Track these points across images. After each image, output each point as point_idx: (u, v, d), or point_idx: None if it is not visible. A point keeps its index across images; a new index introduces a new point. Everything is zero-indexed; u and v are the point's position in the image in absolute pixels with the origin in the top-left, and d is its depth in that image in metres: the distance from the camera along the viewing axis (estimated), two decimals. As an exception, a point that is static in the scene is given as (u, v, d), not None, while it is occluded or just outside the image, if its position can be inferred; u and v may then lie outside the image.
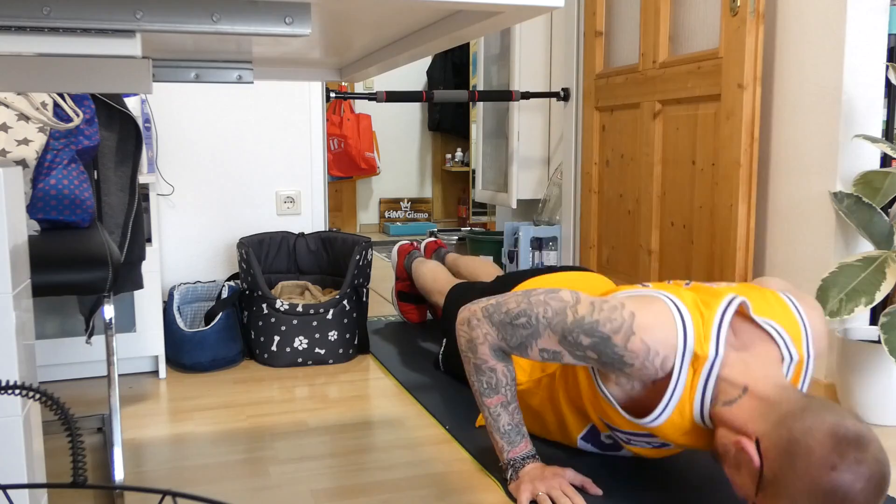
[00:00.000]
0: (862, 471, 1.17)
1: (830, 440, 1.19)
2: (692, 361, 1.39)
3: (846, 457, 1.18)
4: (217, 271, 2.81)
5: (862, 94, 2.02)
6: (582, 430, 1.71)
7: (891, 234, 1.95)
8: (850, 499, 1.17)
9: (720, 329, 1.40)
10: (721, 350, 1.38)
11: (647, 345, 1.38)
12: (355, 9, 0.80)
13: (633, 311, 1.41)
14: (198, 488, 1.62)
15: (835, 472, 1.17)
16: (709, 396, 1.40)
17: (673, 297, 1.43)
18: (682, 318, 1.41)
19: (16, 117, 1.68)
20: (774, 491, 1.24)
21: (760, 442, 1.27)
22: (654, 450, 1.59)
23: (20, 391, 0.61)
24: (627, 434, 1.55)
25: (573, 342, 1.43)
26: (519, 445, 1.58)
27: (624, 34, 2.94)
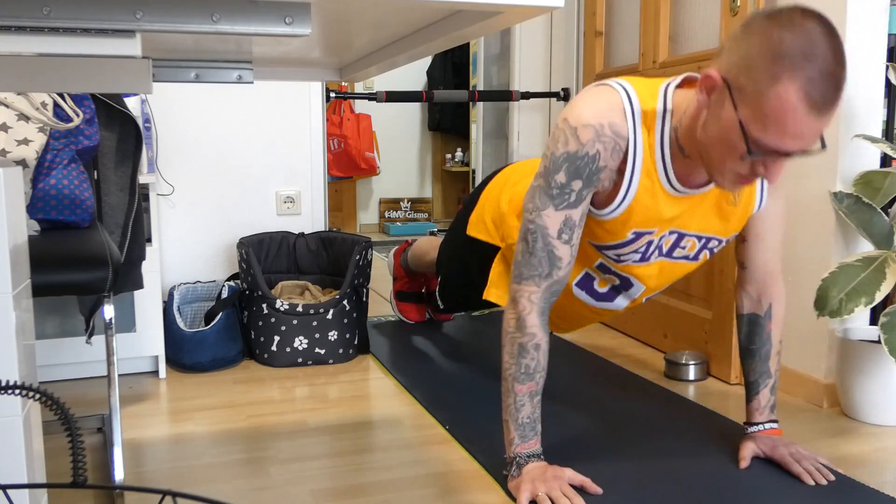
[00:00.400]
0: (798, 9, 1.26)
1: (763, 15, 1.29)
2: (643, 121, 1.44)
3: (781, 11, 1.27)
4: (217, 271, 2.81)
5: (862, 94, 2.02)
6: (576, 277, 1.73)
7: (891, 234, 1.95)
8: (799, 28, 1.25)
9: (667, 88, 1.46)
10: (669, 104, 1.43)
11: (591, 124, 1.44)
12: (355, 9, 0.80)
13: (566, 116, 1.47)
14: (198, 488, 1.62)
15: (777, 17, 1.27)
16: (668, 152, 1.45)
17: (618, 79, 1.50)
18: (623, 86, 1.47)
19: (16, 117, 1.68)
20: (743, 76, 1.28)
21: (715, 70, 1.33)
22: (646, 265, 1.62)
23: (20, 391, 0.61)
24: (614, 248, 1.57)
25: (559, 193, 1.48)
26: (530, 441, 1.58)
27: (624, 34, 2.94)
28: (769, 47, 1.25)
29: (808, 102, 1.24)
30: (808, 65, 1.23)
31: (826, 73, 1.24)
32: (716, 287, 2.36)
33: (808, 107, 1.24)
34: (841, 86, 1.26)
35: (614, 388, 2.21)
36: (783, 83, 1.24)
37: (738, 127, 1.30)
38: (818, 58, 1.23)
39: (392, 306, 2.99)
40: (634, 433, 1.88)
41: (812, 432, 1.91)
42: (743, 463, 1.67)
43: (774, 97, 1.25)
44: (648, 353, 2.61)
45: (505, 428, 1.60)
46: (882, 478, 1.66)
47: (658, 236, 1.57)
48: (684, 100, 1.45)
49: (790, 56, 1.24)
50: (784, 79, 1.24)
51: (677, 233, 1.59)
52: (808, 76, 1.23)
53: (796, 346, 2.17)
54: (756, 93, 1.27)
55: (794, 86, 1.24)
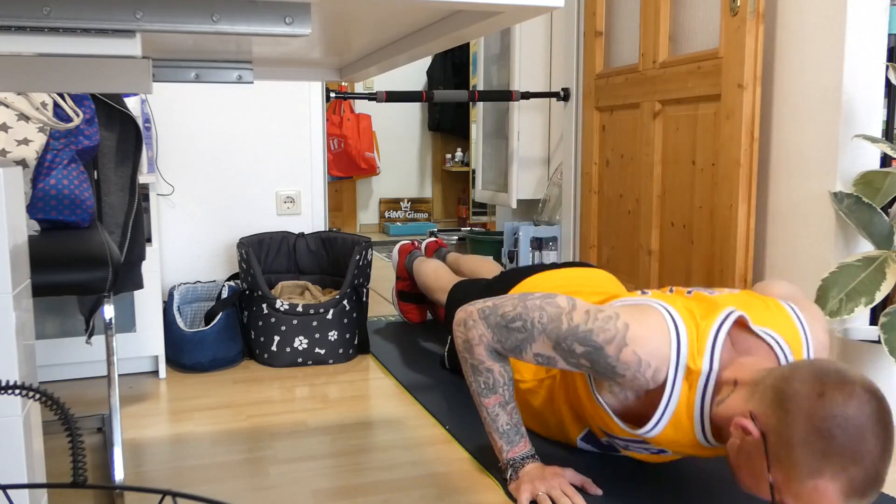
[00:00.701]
0: (852, 391, 1.18)
1: (811, 376, 1.21)
2: (686, 375, 1.38)
3: (829, 383, 1.19)
4: (217, 271, 2.81)
5: (862, 94, 2.02)
6: (581, 433, 1.71)
7: (891, 234, 1.95)
8: (851, 418, 1.16)
9: (715, 342, 1.39)
10: (716, 364, 1.37)
11: (638, 356, 1.38)
12: (355, 9, 0.80)
13: (627, 322, 1.40)
14: (198, 488, 1.62)
15: (824, 398, 1.17)
16: (707, 411, 1.39)
17: (669, 307, 1.42)
18: (677, 329, 1.39)
19: (16, 117, 1.68)
20: (784, 452, 1.21)
21: (755, 415, 1.26)
22: (654, 455, 1.59)
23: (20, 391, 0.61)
24: (625, 441, 1.55)
25: (567, 349, 1.43)
26: (518, 445, 1.58)
27: (624, 34, 2.94)
28: (817, 439, 1.17)
29: (846, 499, 1.19)
30: (854, 468, 1.16)
31: (871, 475, 1.17)
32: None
33: (849, 498, 1.19)
34: (882, 481, 1.20)
35: (614, 388, 2.21)
36: (824, 480, 1.18)
37: (768, 482, 1.25)
38: (866, 460, 1.16)
39: (394, 304, 2.99)
40: (634, 433, 1.88)
41: (812, 432, 1.91)
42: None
43: (812, 488, 1.19)
44: (648, 353, 2.61)
45: (490, 439, 1.61)
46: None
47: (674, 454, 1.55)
48: (733, 371, 1.37)
49: (837, 456, 1.16)
50: (826, 476, 1.17)
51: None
52: (851, 479, 1.17)
53: (796, 346, 2.17)
54: (793, 474, 1.20)
55: (836, 486, 1.17)
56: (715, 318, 1.41)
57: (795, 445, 1.19)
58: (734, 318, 1.41)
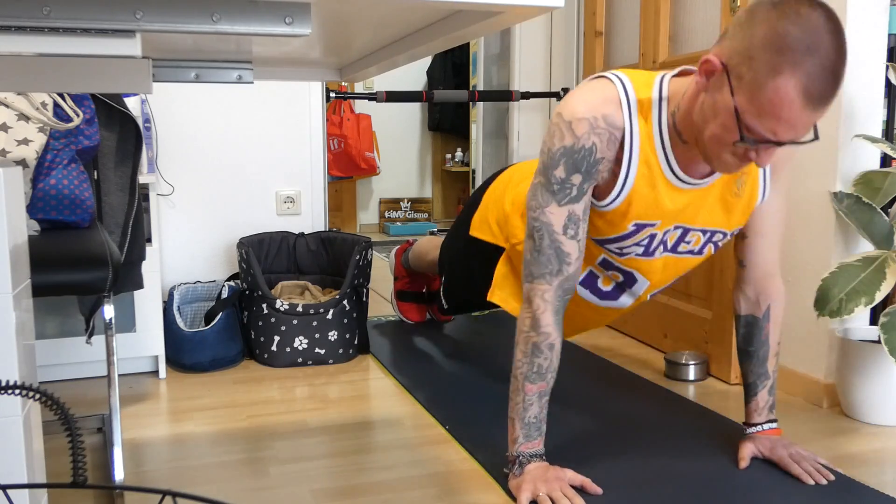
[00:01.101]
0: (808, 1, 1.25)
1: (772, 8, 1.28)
2: (639, 110, 1.44)
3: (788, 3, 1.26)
4: (217, 271, 2.81)
5: (862, 94, 2.02)
6: (580, 276, 1.73)
7: (891, 234, 1.95)
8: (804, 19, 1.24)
9: (663, 78, 1.46)
10: (665, 90, 1.44)
11: (585, 117, 1.44)
12: (355, 9, 0.80)
13: (560, 111, 1.47)
14: (198, 488, 1.62)
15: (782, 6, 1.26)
16: (668, 138, 1.45)
17: (614, 71, 1.51)
18: (619, 77, 1.47)
19: (16, 117, 1.68)
20: (744, 64, 1.28)
21: (717, 54, 1.33)
22: (650, 259, 1.62)
23: (20, 391, 0.61)
24: (615, 242, 1.58)
25: (560, 188, 1.48)
26: (534, 441, 1.58)
27: (624, 34, 2.94)
28: (773, 39, 1.25)
29: (805, 96, 1.25)
30: (810, 60, 1.24)
31: (826, 68, 1.24)
32: (716, 287, 2.36)
33: (804, 101, 1.26)
34: (839, 81, 1.27)
35: (614, 388, 2.21)
36: (783, 76, 1.25)
37: (734, 113, 1.31)
38: (820, 53, 1.24)
39: (393, 306, 2.99)
40: (634, 433, 1.88)
41: (812, 432, 1.91)
42: (742, 463, 1.67)
43: (772, 89, 1.26)
44: (648, 353, 2.61)
45: (510, 425, 1.60)
46: (882, 478, 1.66)
47: (662, 230, 1.57)
48: (681, 87, 1.45)
49: (793, 50, 1.24)
50: (785, 72, 1.25)
51: (682, 228, 1.59)
52: (808, 71, 1.24)
53: (796, 346, 2.17)
54: (754, 82, 1.27)
55: (794, 80, 1.24)
56: (661, 72, 1.50)
57: (754, 53, 1.27)
58: (680, 69, 1.48)
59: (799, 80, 1.24)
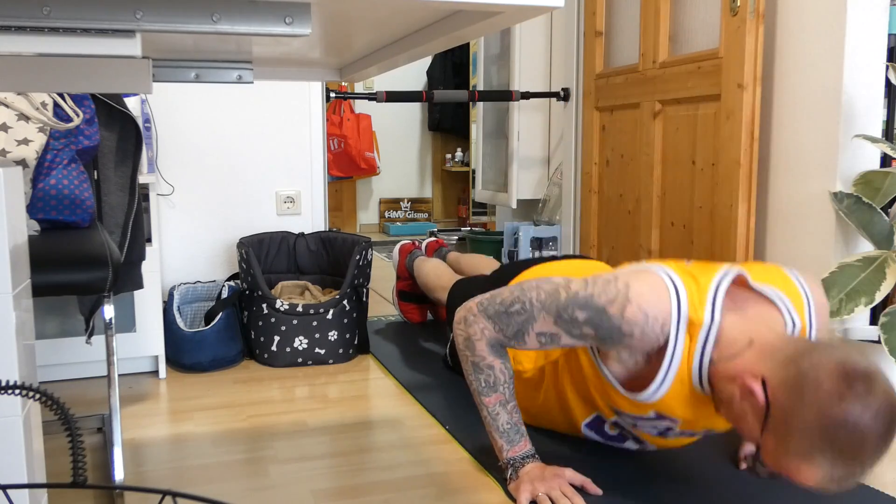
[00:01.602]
0: (871, 401, 1.17)
1: (839, 372, 1.19)
2: (688, 328, 1.39)
3: (855, 388, 1.17)
4: (217, 271, 2.81)
5: (862, 94, 2.02)
6: (587, 418, 1.71)
7: (891, 234, 1.95)
8: (860, 429, 1.16)
9: (716, 295, 1.40)
10: (717, 315, 1.39)
11: (643, 311, 1.39)
12: (355, 9, 0.80)
13: (626, 282, 1.42)
14: (198, 488, 1.62)
15: (844, 402, 1.17)
16: (707, 361, 1.40)
17: (666, 268, 1.44)
18: (675, 285, 1.41)
19: (16, 117, 1.68)
20: (783, 429, 1.22)
21: (766, 381, 1.26)
22: (661, 438, 1.59)
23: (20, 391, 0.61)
24: (633, 417, 1.54)
25: (569, 320, 1.44)
26: (518, 444, 1.58)
27: (624, 34, 2.94)
28: (818, 433, 1.19)
29: (823, 484, 1.22)
30: (844, 465, 1.19)
31: (855, 473, 1.20)
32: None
33: (819, 485, 1.23)
34: (859, 480, 1.22)
35: (614, 388, 2.21)
36: (813, 466, 1.20)
37: (756, 441, 1.29)
38: (857, 462, 1.19)
39: (394, 304, 2.99)
40: (634, 433, 1.88)
41: (812, 432, 1.91)
42: (743, 464, 1.67)
43: (797, 466, 1.22)
44: (648, 353, 2.61)
45: (490, 439, 1.61)
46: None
47: (680, 428, 1.55)
48: (731, 328, 1.38)
49: (834, 450, 1.18)
50: (816, 463, 1.20)
51: (707, 431, 1.57)
52: (838, 472, 1.20)
53: (796, 346, 2.17)
54: (785, 448, 1.22)
55: (821, 473, 1.20)
56: (714, 275, 1.43)
57: (796, 431, 1.20)
58: (734, 273, 1.42)
59: (825, 474, 1.20)
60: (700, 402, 1.45)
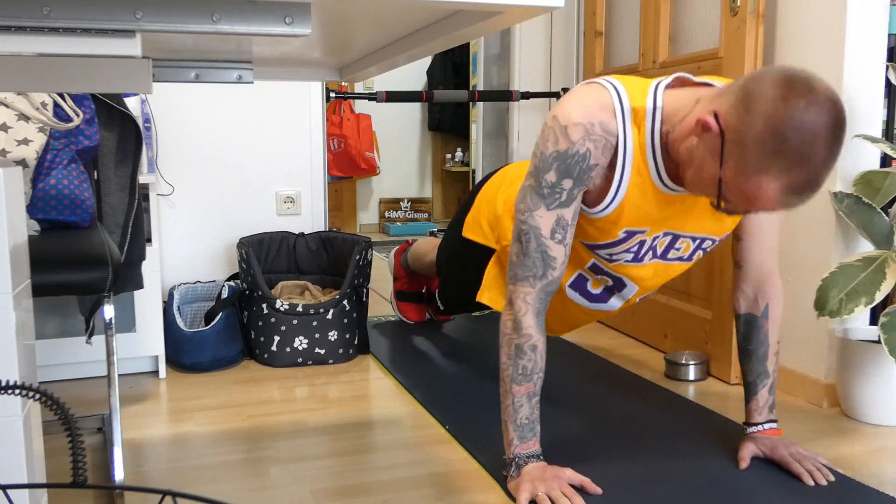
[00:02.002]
0: (814, 98, 1.23)
1: (780, 79, 1.26)
2: (633, 118, 1.44)
3: (796, 88, 1.24)
4: (217, 271, 2.81)
5: (862, 94, 2.02)
6: (569, 278, 1.73)
7: (891, 234, 1.95)
8: (807, 126, 1.22)
9: (657, 87, 1.46)
10: (659, 100, 1.44)
11: (581, 123, 1.44)
12: (355, 9, 0.80)
13: (554, 114, 1.47)
14: (198, 488, 1.62)
15: (788, 103, 1.23)
16: (657, 140, 1.45)
17: (608, 77, 1.50)
18: (613, 84, 1.47)
19: (16, 117, 1.68)
20: (737, 149, 1.28)
21: (718, 113, 1.32)
22: (638, 266, 1.63)
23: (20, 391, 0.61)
24: (606, 248, 1.58)
25: (550, 194, 1.48)
26: (528, 442, 1.58)
27: (624, 34, 2.94)
28: (770, 137, 1.25)
29: (783, 195, 1.28)
30: (799, 169, 1.25)
31: (812, 178, 1.26)
32: (716, 287, 2.36)
33: (781, 198, 1.29)
34: (819, 186, 1.29)
35: (614, 388, 2.21)
36: (768, 177, 1.27)
37: (717, 180, 1.34)
38: (811, 165, 1.25)
39: (392, 306, 2.99)
40: (634, 433, 1.88)
41: (812, 432, 1.91)
42: (742, 463, 1.67)
43: (755, 183, 1.28)
44: (648, 353, 2.61)
45: (504, 429, 1.60)
46: (882, 478, 1.66)
47: (651, 237, 1.58)
48: (675, 101, 1.45)
49: (785, 156, 1.24)
50: (771, 173, 1.26)
51: (672, 234, 1.59)
52: (793, 179, 1.26)
53: (796, 346, 2.17)
54: (742, 169, 1.29)
55: (778, 183, 1.27)
56: (657, 78, 1.51)
57: (750, 143, 1.26)
58: (676, 76, 1.48)
59: (782, 183, 1.27)
60: (663, 201, 1.50)
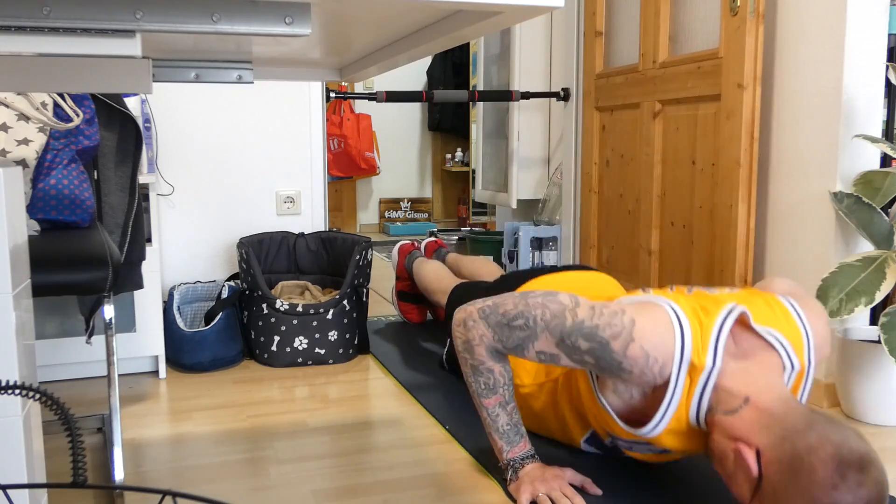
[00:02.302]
0: (861, 493, 1.17)
1: (834, 460, 1.19)
2: (689, 371, 1.39)
3: (847, 478, 1.17)
4: (217, 271, 2.81)
5: (862, 94, 2.02)
6: (584, 434, 1.71)
7: (891, 234, 1.95)
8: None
9: (718, 338, 1.39)
10: (719, 360, 1.38)
11: (645, 351, 1.38)
12: (355, 9, 0.80)
13: (633, 317, 1.40)
14: (198, 488, 1.62)
15: (835, 491, 1.17)
16: (705, 405, 1.40)
17: (673, 304, 1.43)
18: (681, 325, 1.40)
19: (16, 117, 1.68)
20: (770, 500, 1.24)
21: (762, 454, 1.27)
22: (657, 455, 1.59)
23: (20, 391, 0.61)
24: (628, 442, 1.55)
25: (571, 346, 1.43)
26: (518, 445, 1.58)
27: (624, 34, 2.94)
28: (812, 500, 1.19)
29: None
30: None
31: None
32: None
33: None
34: None
35: (614, 388, 2.21)
36: None
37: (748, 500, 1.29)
38: None
39: (393, 304, 2.99)
40: (634, 433, 1.88)
41: (812, 432, 1.91)
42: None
43: None
44: (648, 353, 2.61)
45: (490, 440, 1.60)
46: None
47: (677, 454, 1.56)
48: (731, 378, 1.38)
49: None
50: None
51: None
52: None
53: (796, 346, 2.17)
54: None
55: None
56: (718, 315, 1.41)
57: (785, 500, 1.21)
58: (736, 314, 1.41)
59: None
60: (697, 435, 1.45)
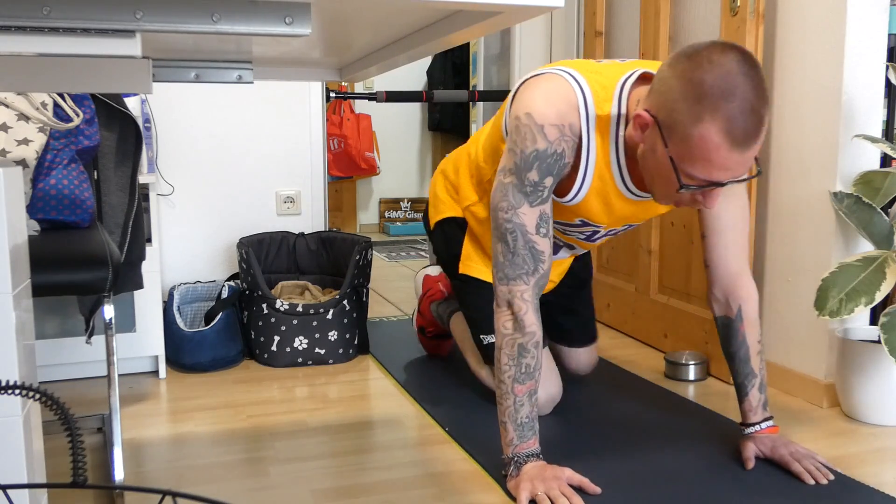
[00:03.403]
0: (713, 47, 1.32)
1: (675, 54, 1.36)
2: (597, 126, 1.49)
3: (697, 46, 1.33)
4: (217, 271, 2.81)
5: (862, 94, 2.02)
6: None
7: (891, 234, 1.95)
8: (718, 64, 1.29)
9: (622, 91, 1.49)
10: (623, 108, 1.48)
11: (556, 124, 1.48)
12: (355, 9, 0.80)
13: (528, 111, 1.50)
14: (198, 488, 1.62)
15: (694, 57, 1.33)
16: (621, 147, 1.50)
17: (573, 71, 1.53)
18: (578, 83, 1.51)
19: (16, 117, 1.68)
20: (670, 118, 1.34)
21: (647, 108, 1.40)
22: (589, 242, 1.71)
23: (20, 391, 0.61)
24: (562, 225, 1.65)
25: (533, 192, 1.51)
26: (528, 441, 1.58)
27: (624, 34, 2.94)
28: (690, 89, 1.31)
29: (730, 139, 1.30)
30: (728, 104, 1.29)
31: (746, 109, 1.30)
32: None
33: (730, 143, 1.31)
34: (763, 119, 1.32)
35: (614, 388, 2.21)
36: (705, 123, 1.30)
37: (670, 163, 1.37)
38: (737, 95, 1.29)
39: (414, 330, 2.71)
40: (634, 433, 1.88)
41: (812, 432, 1.92)
42: (749, 464, 1.66)
43: (698, 137, 1.32)
44: (648, 353, 2.61)
45: (502, 429, 1.60)
46: (882, 478, 1.66)
47: (607, 229, 1.67)
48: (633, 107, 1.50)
49: (709, 96, 1.29)
50: (705, 119, 1.30)
51: (628, 225, 1.68)
52: (728, 115, 1.29)
53: (796, 346, 2.17)
54: (681, 132, 1.33)
55: (715, 125, 1.30)
56: (621, 75, 1.53)
57: (677, 105, 1.33)
58: (640, 72, 1.51)
59: (720, 124, 1.30)
60: (626, 204, 1.55)
